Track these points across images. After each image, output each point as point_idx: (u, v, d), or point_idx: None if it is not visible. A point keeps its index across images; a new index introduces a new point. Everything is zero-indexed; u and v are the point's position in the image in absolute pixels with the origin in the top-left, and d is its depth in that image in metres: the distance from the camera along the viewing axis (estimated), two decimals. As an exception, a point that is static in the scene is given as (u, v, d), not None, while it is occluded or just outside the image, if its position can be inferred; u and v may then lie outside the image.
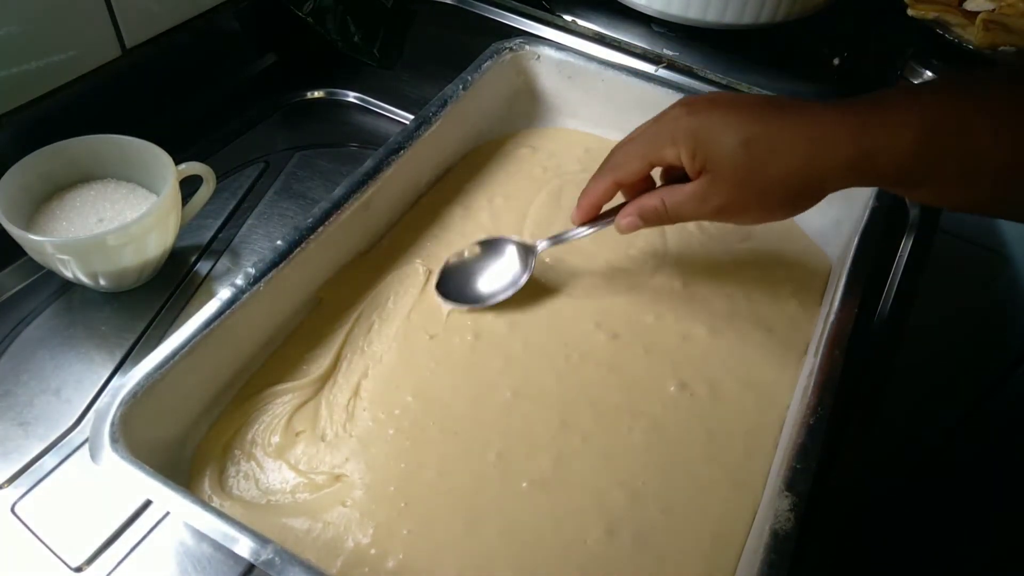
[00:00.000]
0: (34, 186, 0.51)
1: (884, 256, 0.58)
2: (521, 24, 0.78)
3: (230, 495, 0.42)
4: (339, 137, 0.69)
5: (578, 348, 0.50)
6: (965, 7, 0.71)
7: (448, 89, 0.60)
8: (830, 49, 0.79)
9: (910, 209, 0.63)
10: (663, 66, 0.73)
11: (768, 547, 0.36)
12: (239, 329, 0.45)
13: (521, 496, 0.42)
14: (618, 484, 0.43)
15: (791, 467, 0.39)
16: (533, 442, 0.45)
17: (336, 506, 0.42)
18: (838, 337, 0.45)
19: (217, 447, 0.44)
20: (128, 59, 0.62)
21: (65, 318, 0.52)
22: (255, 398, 0.46)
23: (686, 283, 0.55)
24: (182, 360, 0.42)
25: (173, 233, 0.53)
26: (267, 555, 0.34)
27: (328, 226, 0.49)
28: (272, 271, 0.46)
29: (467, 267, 0.54)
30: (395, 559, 0.40)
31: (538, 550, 0.40)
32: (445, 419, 0.46)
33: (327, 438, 0.44)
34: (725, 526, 0.42)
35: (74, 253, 0.48)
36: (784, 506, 0.37)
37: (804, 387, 0.45)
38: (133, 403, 0.39)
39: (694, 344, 0.51)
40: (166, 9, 0.64)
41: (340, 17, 0.74)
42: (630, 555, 0.41)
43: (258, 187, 0.63)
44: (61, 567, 0.40)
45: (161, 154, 0.52)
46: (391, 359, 0.49)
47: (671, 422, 0.46)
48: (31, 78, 0.56)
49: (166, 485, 0.36)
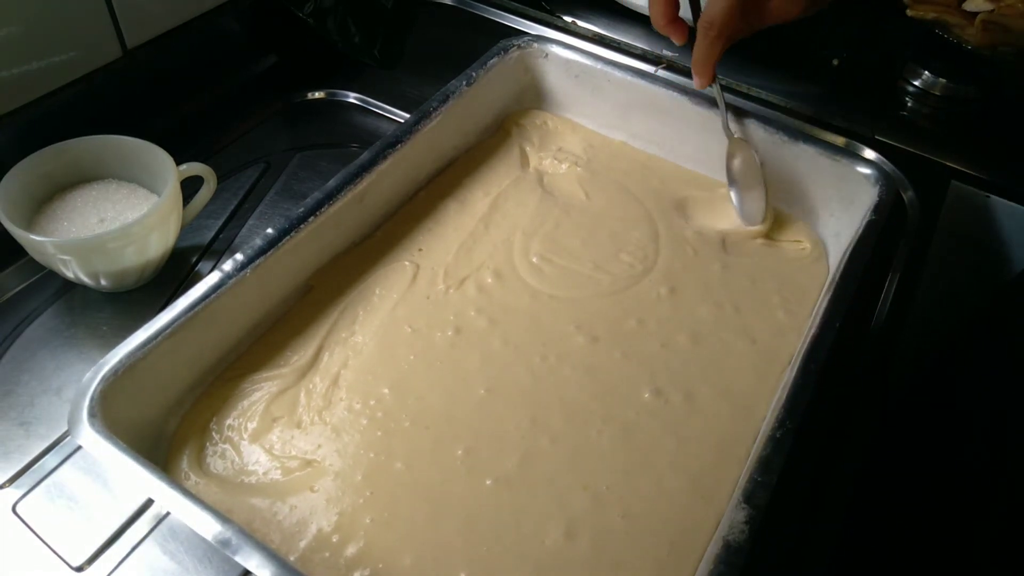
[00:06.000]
0: (35, 186, 0.51)
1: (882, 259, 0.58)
2: (521, 25, 0.79)
3: (207, 473, 0.42)
4: (340, 138, 0.69)
5: (556, 349, 0.50)
6: (964, 8, 0.71)
7: (451, 84, 0.60)
8: (829, 49, 0.79)
9: (909, 209, 0.63)
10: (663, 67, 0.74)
11: (718, 558, 0.36)
12: (224, 313, 0.46)
13: (484, 492, 0.43)
14: (582, 487, 0.43)
15: (751, 479, 0.39)
16: (502, 440, 0.45)
17: (304, 491, 0.42)
18: (814, 351, 0.44)
19: (196, 428, 0.44)
20: (129, 59, 0.62)
21: (66, 318, 0.52)
22: (236, 382, 0.46)
23: (673, 290, 0.54)
24: (165, 341, 0.42)
25: (174, 233, 0.53)
26: (228, 536, 0.35)
27: (320, 216, 0.50)
28: (260, 258, 0.47)
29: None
30: (356, 546, 0.40)
31: (496, 547, 0.41)
32: (418, 412, 0.46)
33: (303, 424, 0.45)
34: (684, 535, 0.42)
35: (75, 253, 0.48)
36: (740, 518, 0.37)
37: (777, 399, 0.45)
38: (114, 380, 0.40)
39: (674, 351, 0.51)
40: (167, 10, 0.64)
41: (340, 18, 0.74)
42: (586, 558, 0.41)
43: (259, 187, 0.63)
44: (62, 567, 0.40)
45: (162, 154, 0.52)
46: (371, 350, 0.49)
47: (642, 428, 0.46)
48: (32, 78, 0.56)
49: (137, 461, 0.37)
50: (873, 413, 0.50)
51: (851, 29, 0.83)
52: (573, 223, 0.58)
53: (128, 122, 0.55)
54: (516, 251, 0.56)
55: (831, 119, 0.69)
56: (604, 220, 0.59)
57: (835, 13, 0.78)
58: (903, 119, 0.72)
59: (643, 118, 0.64)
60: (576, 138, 0.66)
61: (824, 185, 0.58)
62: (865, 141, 0.67)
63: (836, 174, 0.57)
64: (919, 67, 0.75)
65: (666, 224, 0.59)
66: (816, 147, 0.57)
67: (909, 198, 0.63)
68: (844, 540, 0.44)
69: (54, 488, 0.43)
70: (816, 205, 0.59)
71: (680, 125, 0.62)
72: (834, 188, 0.57)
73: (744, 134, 0.59)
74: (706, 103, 0.61)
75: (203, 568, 0.40)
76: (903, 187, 0.64)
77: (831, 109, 0.70)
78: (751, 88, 0.71)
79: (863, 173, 0.56)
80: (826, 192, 0.58)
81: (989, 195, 0.65)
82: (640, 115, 0.64)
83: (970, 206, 0.66)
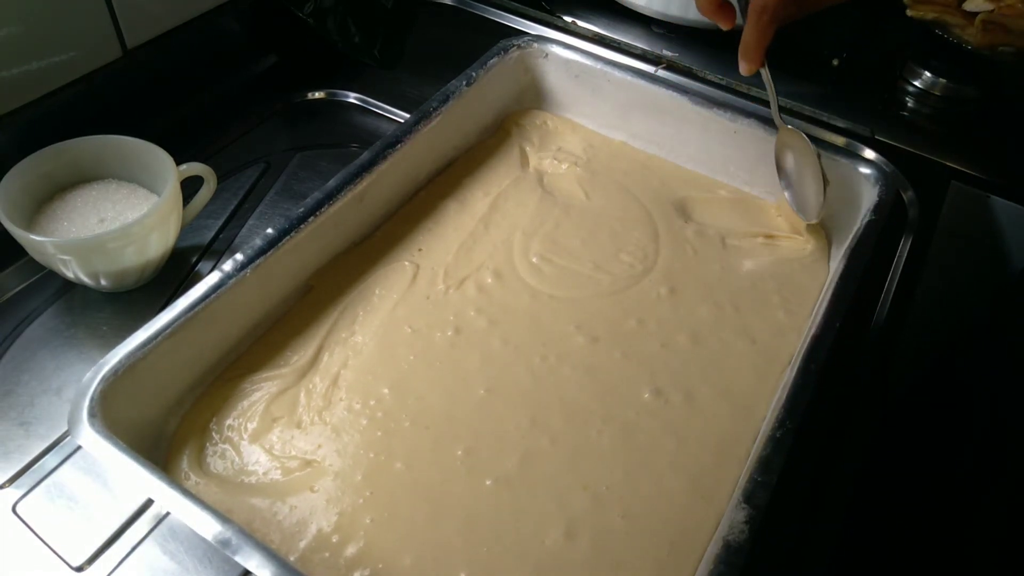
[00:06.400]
0: (35, 186, 0.51)
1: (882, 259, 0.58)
2: (521, 25, 0.79)
3: (207, 473, 0.43)
4: (340, 138, 0.69)
5: (556, 349, 0.50)
6: (964, 8, 0.71)
7: (451, 84, 0.60)
8: (829, 49, 0.79)
9: (909, 209, 0.63)
10: (663, 67, 0.74)
11: (718, 558, 0.36)
12: (224, 313, 0.46)
13: (484, 493, 0.43)
14: (582, 487, 0.43)
15: (751, 479, 0.39)
16: (502, 440, 0.45)
17: (304, 491, 0.42)
18: (814, 351, 0.45)
19: (196, 428, 0.44)
20: (129, 60, 0.62)
21: (66, 318, 0.52)
22: (236, 382, 0.46)
23: (673, 290, 0.54)
24: (165, 341, 0.42)
25: (174, 233, 0.53)
26: (228, 536, 0.35)
27: (319, 216, 0.50)
28: (260, 258, 0.47)
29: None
30: (356, 546, 0.40)
31: (496, 547, 0.41)
32: (418, 412, 0.46)
33: (303, 424, 0.45)
34: (684, 535, 0.42)
35: (75, 253, 0.48)
36: (740, 518, 0.37)
37: (778, 399, 0.45)
38: (114, 380, 0.40)
39: (674, 351, 0.51)
40: (167, 10, 0.64)
41: (340, 18, 0.74)
42: (586, 558, 0.41)
43: (259, 187, 0.63)
44: (62, 567, 0.40)
45: (162, 154, 0.52)
46: (371, 350, 0.49)
47: (642, 428, 0.46)
48: (32, 78, 0.56)
49: (137, 461, 0.37)
50: (873, 413, 0.50)
51: (851, 29, 0.83)
52: (573, 223, 0.59)
53: (128, 122, 0.55)
54: (516, 251, 0.56)
55: (831, 119, 0.69)
56: (604, 220, 0.59)
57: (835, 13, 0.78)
58: (903, 119, 0.72)
59: (643, 118, 0.64)
60: (576, 138, 0.66)
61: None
62: (865, 141, 0.67)
63: (836, 174, 0.57)
64: (919, 67, 0.75)
65: (666, 224, 0.59)
66: (816, 147, 0.57)
67: (909, 198, 0.64)
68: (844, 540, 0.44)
69: (54, 488, 0.43)
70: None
71: (680, 125, 0.62)
72: (834, 188, 0.57)
73: (745, 134, 0.59)
74: (706, 103, 0.61)
75: (203, 568, 0.40)
76: (903, 187, 0.64)
77: (831, 109, 0.70)
78: (751, 88, 0.71)
79: (863, 173, 0.56)
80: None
81: (989, 195, 0.65)
82: (640, 115, 0.64)
83: (970, 206, 0.66)
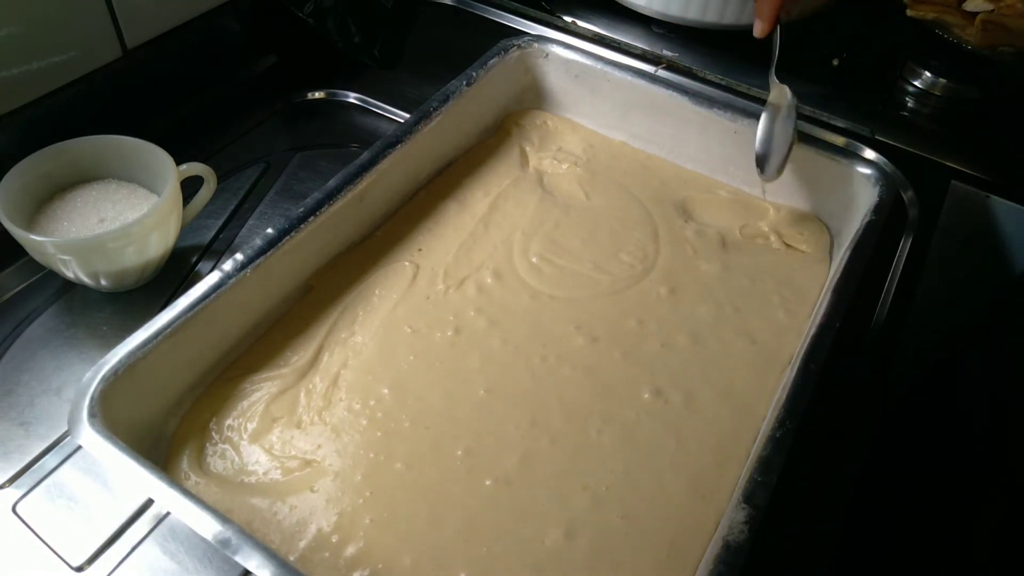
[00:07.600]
0: (35, 186, 0.51)
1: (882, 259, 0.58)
2: (521, 25, 0.79)
3: (207, 473, 0.43)
4: (340, 138, 0.69)
5: (556, 349, 0.50)
6: (964, 8, 0.71)
7: (451, 84, 0.60)
8: (829, 49, 0.79)
9: (909, 209, 0.63)
10: (663, 67, 0.74)
11: (718, 558, 0.36)
12: (224, 313, 0.46)
13: (484, 493, 0.43)
14: (582, 487, 0.43)
15: (751, 479, 0.39)
16: (501, 440, 0.45)
17: (304, 491, 0.42)
18: (814, 351, 0.45)
19: (196, 428, 0.44)
20: (129, 59, 0.62)
21: (66, 318, 0.52)
22: (236, 382, 0.46)
23: (673, 290, 0.54)
24: (165, 341, 0.42)
25: (174, 233, 0.53)
26: (228, 536, 0.35)
27: (319, 216, 0.50)
28: (260, 258, 0.47)
29: None
30: (355, 547, 0.40)
31: (496, 547, 0.41)
32: (418, 412, 0.46)
33: (302, 424, 0.45)
34: (684, 535, 0.42)
35: (75, 253, 0.48)
36: (739, 518, 0.37)
37: (777, 399, 0.45)
38: (114, 380, 0.40)
39: (674, 352, 0.51)
40: (167, 10, 0.64)
41: (340, 18, 0.74)
42: (586, 558, 0.41)
43: (259, 187, 0.63)
44: (62, 567, 0.40)
45: (162, 154, 0.52)
46: (371, 351, 0.49)
47: (642, 428, 0.46)
48: (32, 78, 0.56)
49: (137, 461, 0.37)
50: (873, 413, 0.50)
51: (851, 29, 0.83)
52: (573, 223, 0.59)
53: (128, 122, 0.55)
54: (516, 251, 0.56)
55: (831, 119, 0.69)
56: (604, 220, 0.59)
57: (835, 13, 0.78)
58: (903, 119, 0.72)
59: (643, 118, 0.64)
60: (576, 138, 0.66)
61: (824, 185, 0.58)
62: (865, 141, 0.67)
63: (836, 174, 0.57)
64: (919, 67, 0.75)
65: (666, 224, 0.59)
66: (816, 147, 0.57)
67: (909, 198, 0.63)
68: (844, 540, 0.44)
69: (54, 488, 0.43)
70: (816, 205, 0.59)
71: (680, 125, 0.62)
72: (834, 188, 0.57)
73: (745, 134, 0.59)
74: (706, 103, 0.61)
75: (203, 568, 0.40)
76: (903, 187, 0.64)
77: (831, 109, 0.70)
78: (751, 88, 0.71)
79: (863, 173, 0.56)
80: (826, 192, 0.58)
81: (989, 195, 0.65)
82: (640, 115, 0.64)
83: (970, 206, 0.66)
